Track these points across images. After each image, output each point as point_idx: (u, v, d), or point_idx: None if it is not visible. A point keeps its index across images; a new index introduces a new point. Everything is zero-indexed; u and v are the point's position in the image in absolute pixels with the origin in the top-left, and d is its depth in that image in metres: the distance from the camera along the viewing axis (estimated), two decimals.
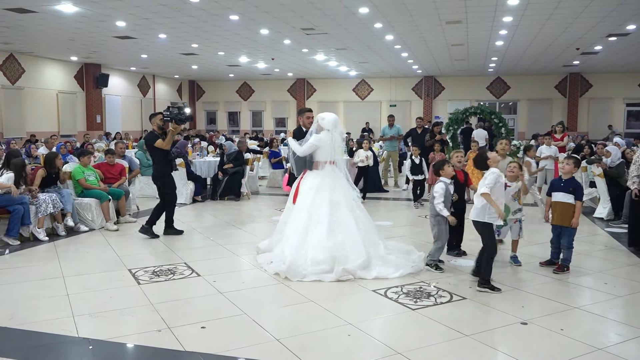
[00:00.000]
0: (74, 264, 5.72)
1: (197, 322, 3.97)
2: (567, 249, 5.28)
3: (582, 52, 17.17)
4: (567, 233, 5.27)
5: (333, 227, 5.34)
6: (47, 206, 6.77)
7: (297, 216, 5.53)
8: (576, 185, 5.31)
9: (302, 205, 5.55)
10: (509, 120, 22.09)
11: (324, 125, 5.79)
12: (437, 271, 5.30)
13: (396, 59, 18.85)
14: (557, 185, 5.40)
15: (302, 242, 5.26)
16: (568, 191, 5.28)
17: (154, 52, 17.36)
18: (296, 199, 5.70)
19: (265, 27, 13.29)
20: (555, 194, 5.38)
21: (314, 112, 7.46)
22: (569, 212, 5.24)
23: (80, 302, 4.41)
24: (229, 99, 27.58)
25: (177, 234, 7.15)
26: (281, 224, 5.85)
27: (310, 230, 5.33)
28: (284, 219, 5.83)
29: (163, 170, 6.99)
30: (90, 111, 20.63)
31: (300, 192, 5.70)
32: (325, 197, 5.50)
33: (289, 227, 5.54)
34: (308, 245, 5.23)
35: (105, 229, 7.46)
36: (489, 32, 13.82)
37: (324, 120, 5.82)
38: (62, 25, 12.87)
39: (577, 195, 5.25)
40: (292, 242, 5.31)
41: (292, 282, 4.98)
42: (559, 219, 5.32)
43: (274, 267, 5.31)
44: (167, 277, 5.15)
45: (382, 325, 4.02)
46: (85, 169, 7.80)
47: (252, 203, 10.02)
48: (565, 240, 5.28)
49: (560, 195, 5.32)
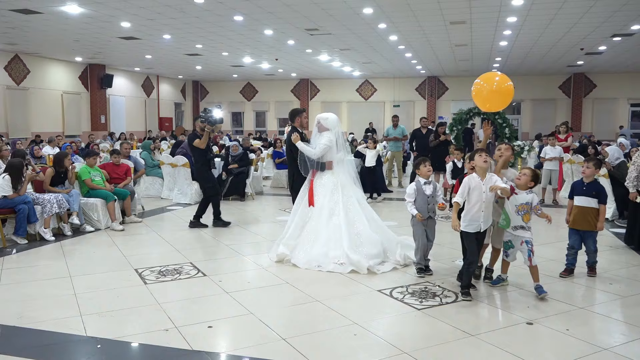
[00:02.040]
0: (81, 263, 5.76)
1: (204, 321, 4.00)
2: (593, 252, 5.19)
3: (586, 53, 17.14)
4: (591, 237, 5.15)
5: (370, 222, 5.71)
6: (52, 206, 6.81)
7: (329, 217, 5.64)
8: (600, 189, 5.16)
9: (331, 205, 5.67)
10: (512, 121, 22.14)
11: (327, 125, 5.87)
12: (418, 275, 5.16)
13: (400, 59, 18.86)
14: (579, 189, 5.22)
15: (353, 241, 5.49)
16: (591, 195, 5.12)
17: (158, 52, 17.42)
18: (313, 200, 5.74)
19: (270, 28, 13.32)
20: (578, 197, 5.20)
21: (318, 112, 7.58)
22: (591, 216, 5.10)
23: (87, 302, 4.45)
24: (232, 100, 27.63)
25: (224, 225, 7.67)
26: (297, 227, 5.76)
27: (352, 228, 5.57)
28: (300, 221, 5.77)
29: (201, 168, 7.61)
30: (95, 111, 20.70)
31: (319, 192, 5.76)
32: (351, 194, 5.78)
33: (328, 228, 5.58)
34: (361, 241, 5.50)
35: (111, 229, 7.50)
36: (493, 32, 13.82)
37: (327, 120, 5.89)
38: (67, 26, 12.93)
39: (601, 199, 5.11)
40: (346, 244, 5.45)
41: (298, 282, 5.02)
42: (581, 223, 5.14)
43: (346, 267, 5.35)
44: (174, 277, 5.17)
45: (388, 325, 4.03)
46: (91, 169, 7.84)
47: (256, 203, 10.05)
48: (591, 244, 5.16)
49: (583, 199, 5.15)
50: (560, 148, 10.24)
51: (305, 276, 5.24)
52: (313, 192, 5.78)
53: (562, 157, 10.14)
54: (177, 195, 10.12)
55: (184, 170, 10.03)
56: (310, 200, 5.76)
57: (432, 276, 5.19)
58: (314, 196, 5.76)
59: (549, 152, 10.02)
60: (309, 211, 5.77)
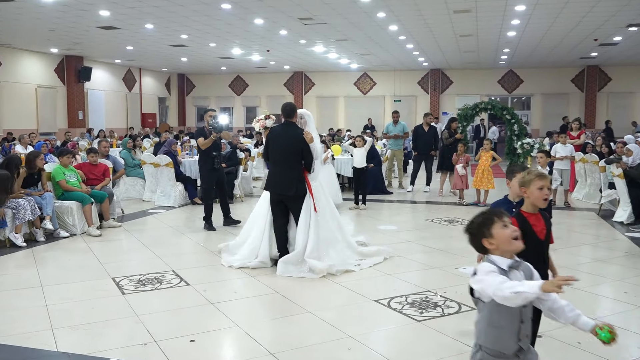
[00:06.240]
0: (54, 272, 5.71)
1: (186, 335, 3.96)
2: None
3: (600, 43, 17.19)
4: None
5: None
6: (25, 212, 6.73)
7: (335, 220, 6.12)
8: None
9: (330, 208, 6.09)
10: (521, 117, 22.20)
11: (310, 122, 6.00)
12: None
13: (401, 50, 18.87)
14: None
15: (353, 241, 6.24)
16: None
17: (140, 43, 17.37)
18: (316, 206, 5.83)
19: (260, 17, 13.30)
20: None
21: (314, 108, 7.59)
22: None
23: (59, 314, 4.40)
24: (220, 94, 27.59)
25: (235, 223, 7.98)
26: (302, 233, 5.72)
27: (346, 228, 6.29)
28: (303, 226, 5.73)
29: (202, 165, 7.86)
30: (72, 107, 20.62)
31: (316, 196, 5.85)
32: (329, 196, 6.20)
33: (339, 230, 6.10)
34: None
35: (88, 234, 7.45)
36: (500, 21, 13.83)
37: (310, 118, 6.15)
38: (41, 15, 12.86)
39: None
40: (353, 242, 6.21)
41: (288, 291, 5.00)
42: None
43: (368, 263, 5.87)
44: (154, 287, 5.14)
45: (385, 338, 4.01)
46: (65, 170, 7.78)
47: (245, 206, 10.00)
48: None
49: None
50: (572, 146, 10.26)
51: (296, 285, 5.22)
52: (314, 196, 5.82)
53: (573, 156, 10.14)
54: (160, 197, 10.07)
55: (167, 170, 9.98)
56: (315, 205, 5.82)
57: (433, 285, 5.17)
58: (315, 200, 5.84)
59: (560, 151, 10.02)
60: (316, 218, 5.77)
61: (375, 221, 8.51)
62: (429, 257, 6.35)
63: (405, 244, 6.89)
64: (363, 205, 9.49)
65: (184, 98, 28.31)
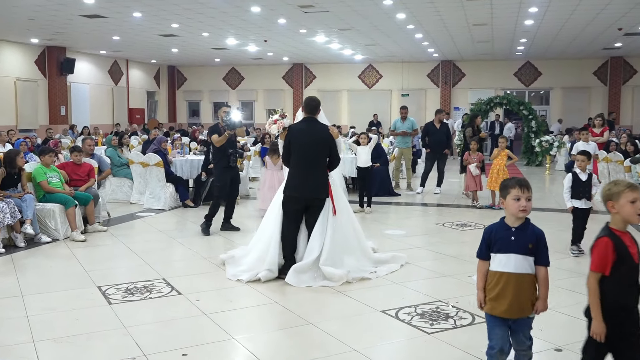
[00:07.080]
0: (35, 280, 5.72)
1: (178, 348, 3.97)
2: (526, 349, 3.45)
3: (625, 33, 17.18)
4: (525, 325, 3.57)
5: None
6: (4, 216, 6.75)
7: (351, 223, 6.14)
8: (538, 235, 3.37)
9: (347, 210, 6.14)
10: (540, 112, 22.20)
11: (322, 115, 6.18)
12: None
13: (409, 41, 18.87)
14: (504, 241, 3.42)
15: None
16: (525, 250, 3.44)
17: (128, 33, 17.39)
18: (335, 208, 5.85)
19: (257, 4, 13.31)
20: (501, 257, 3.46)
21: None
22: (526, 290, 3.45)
23: (41, 325, 4.42)
24: (214, 88, 27.61)
25: (233, 230, 8.00)
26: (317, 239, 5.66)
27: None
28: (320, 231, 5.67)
29: (217, 163, 7.92)
30: (54, 102, 20.65)
31: (335, 197, 5.89)
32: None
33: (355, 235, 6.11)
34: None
35: (71, 239, 7.46)
36: (517, 9, 13.84)
37: (321, 111, 6.20)
38: (20, 2, 12.89)
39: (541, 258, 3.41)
40: (368, 249, 6.28)
41: (288, 301, 5.01)
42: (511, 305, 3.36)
43: (384, 270, 5.90)
44: (143, 296, 5.15)
45: (392, 352, 4.03)
46: (47, 170, 7.80)
47: (241, 208, 10.01)
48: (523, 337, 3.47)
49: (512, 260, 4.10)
50: (595, 144, 10.23)
51: (296, 295, 5.23)
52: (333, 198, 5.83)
53: (596, 155, 10.13)
54: (149, 199, 10.09)
55: (156, 170, 10.01)
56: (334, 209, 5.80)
57: (445, 295, 5.17)
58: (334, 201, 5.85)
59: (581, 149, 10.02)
60: (334, 222, 5.75)
61: (382, 225, 8.52)
62: (439, 264, 6.36)
63: (414, 249, 6.90)
64: (368, 208, 9.51)
65: (174, 92, 28.33)
